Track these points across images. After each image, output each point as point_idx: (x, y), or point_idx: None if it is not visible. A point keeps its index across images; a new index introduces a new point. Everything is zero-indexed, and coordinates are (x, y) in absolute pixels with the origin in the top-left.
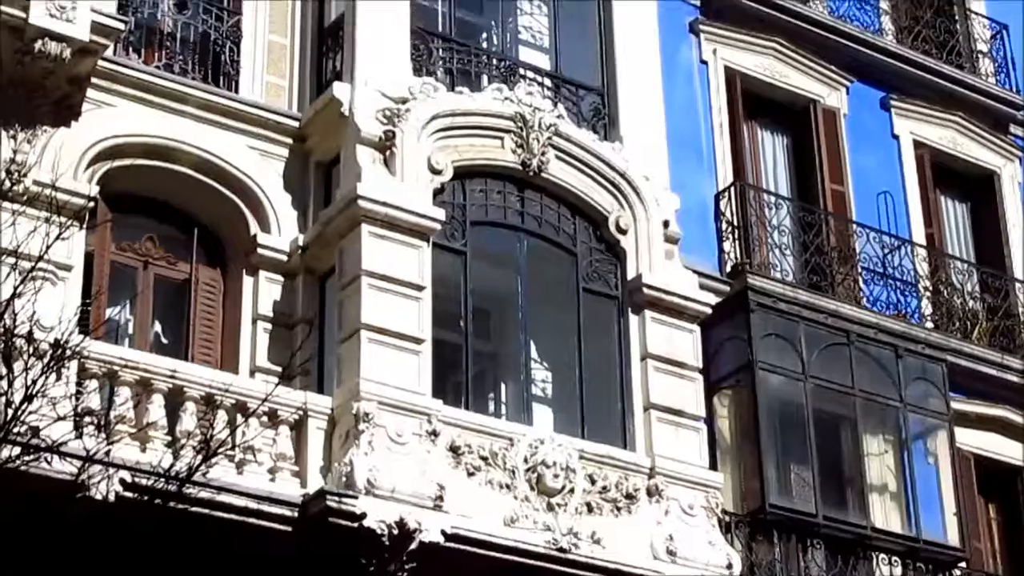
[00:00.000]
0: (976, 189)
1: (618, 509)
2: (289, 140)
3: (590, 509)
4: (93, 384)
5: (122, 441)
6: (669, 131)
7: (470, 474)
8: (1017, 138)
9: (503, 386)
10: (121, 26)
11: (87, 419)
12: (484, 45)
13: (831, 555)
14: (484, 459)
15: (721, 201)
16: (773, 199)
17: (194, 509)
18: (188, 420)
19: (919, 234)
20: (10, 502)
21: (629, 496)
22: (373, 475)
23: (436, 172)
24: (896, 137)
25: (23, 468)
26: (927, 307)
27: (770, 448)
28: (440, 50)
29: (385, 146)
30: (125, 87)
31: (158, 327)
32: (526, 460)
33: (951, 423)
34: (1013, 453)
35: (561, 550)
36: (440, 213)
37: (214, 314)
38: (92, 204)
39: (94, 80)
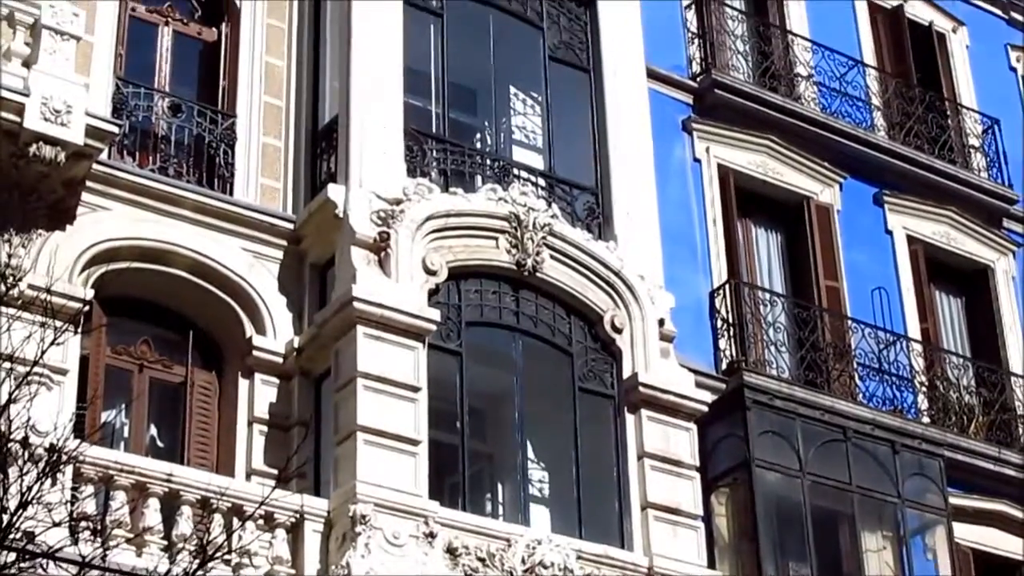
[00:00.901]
0: (970, 283)
1: None
2: (284, 242)
3: None
4: (89, 489)
5: (119, 546)
6: (663, 229)
7: (468, 575)
8: (1010, 232)
9: (500, 486)
10: (116, 130)
11: (83, 524)
12: (478, 145)
13: None
14: (482, 560)
15: (716, 299)
16: (768, 296)
17: None
18: (184, 524)
19: (914, 329)
20: None
21: None
22: None
23: (431, 273)
24: (890, 232)
25: (19, 575)
26: (923, 402)
27: (768, 546)
28: (434, 151)
29: (380, 247)
30: (120, 190)
31: (154, 430)
32: (523, 561)
33: (949, 518)
34: (1012, 548)
35: None
36: (435, 314)
37: (210, 417)
38: (87, 308)
39: (89, 183)
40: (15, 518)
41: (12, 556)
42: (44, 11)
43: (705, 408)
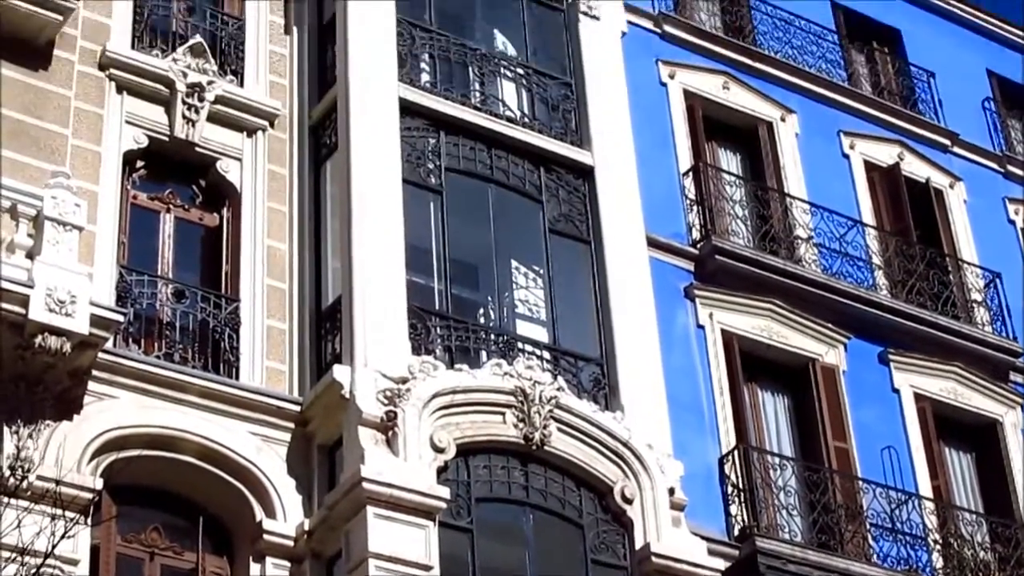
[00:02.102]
0: (980, 438)
1: None
2: (291, 424)
3: None
4: None
5: None
6: (669, 396)
7: None
8: (1017, 385)
9: None
10: (120, 318)
11: None
12: (482, 321)
13: None
14: None
15: (725, 465)
16: (777, 460)
17: None
18: None
19: (925, 487)
20: None
21: None
22: None
23: (439, 451)
24: (896, 391)
25: None
26: (938, 560)
27: None
28: (438, 328)
29: (387, 427)
30: (126, 378)
31: None
32: None
33: None
34: None
35: None
36: (445, 492)
37: None
38: (97, 498)
39: (95, 372)
40: None
41: None
42: (46, 202)
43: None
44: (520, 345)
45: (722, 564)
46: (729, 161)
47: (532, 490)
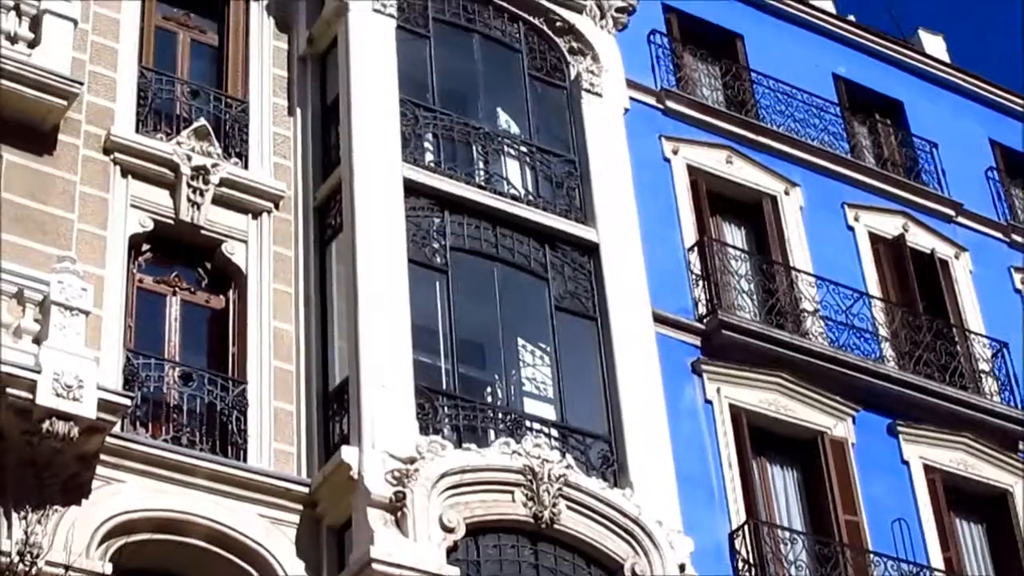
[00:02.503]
0: (990, 509)
1: None
2: (300, 506)
3: None
4: None
5: None
6: (678, 471)
7: None
8: None
9: None
10: (128, 402)
11: None
12: (489, 399)
13: None
14: None
15: (736, 540)
16: (787, 534)
17: None
18: None
19: (937, 559)
20: None
21: None
22: None
23: (449, 530)
24: (906, 463)
25: None
26: None
27: None
28: (445, 407)
29: (396, 507)
30: (134, 462)
31: None
32: None
33: None
34: None
35: None
36: (455, 572)
37: None
38: None
39: (102, 456)
40: None
41: None
42: (53, 287)
43: None
44: (528, 423)
45: None
46: (734, 235)
47: (543, 568)
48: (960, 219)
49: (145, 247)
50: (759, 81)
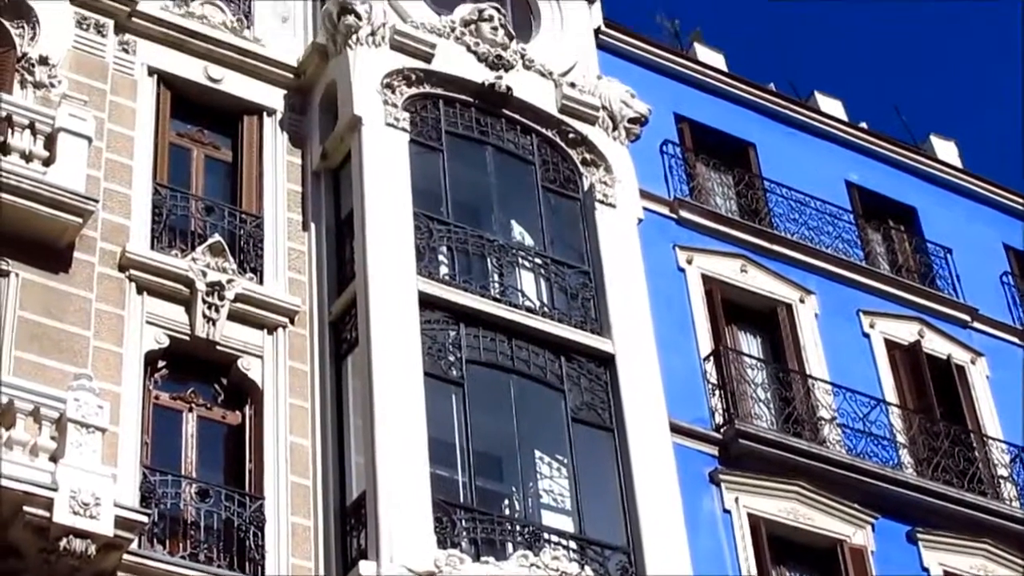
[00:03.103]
0: None
1: None
2: None
3: None
4: None
5: None
6: None
7: None
8: None
9: None
10: (145, 519)
11: None
12: (507, 512)
13: None
14: None
15: None
16: None
17: None
18: None
19: None
20: None
21: None
22: None
23: None
24: (926, 569)
25: None
26: None
27: None
28: (463, 520)
29: None
30: None
31: None
32: None
33: None
34: None
35: None
36: None
37: None
38: None
39: (120, 574)
40: None
41: None
42: (69, 404)
43: None
44: (546, 536)
45: None
46: (750, 344)
47: None
48: (976, 324)
49: (161, 363)
50: (772, 189)
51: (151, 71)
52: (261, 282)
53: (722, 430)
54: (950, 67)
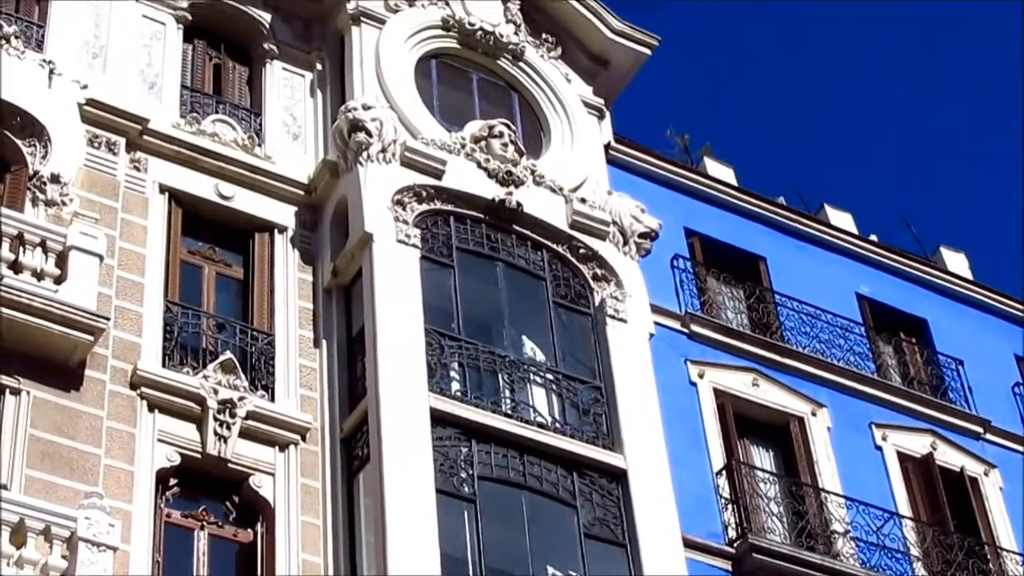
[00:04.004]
0: None
1: None
2: None
3: None
4: None
5: None
6: None
7: None
8: None
9: None
10: None
11: None
12: None
13: None
14: None
15: None
16: None
17: None
18: None
19: None
20: None
21: None
22: None
23: None
24: None
25: None
26: None
27: None
28: None
29: None
30: None
31: None
32: None
33: None
34: None
35: None
36: None
37: None
38: None
39: None
40: None
41: None
42: (80, 523)
43: None
44: None
45: None
46: (762, 457)
47: None
48: (988, 436)
49: (172, 481)
50: (783, 303)
51: (162, 188)
52: (272, 399)
53: (735, 544)
54: (959, 178)
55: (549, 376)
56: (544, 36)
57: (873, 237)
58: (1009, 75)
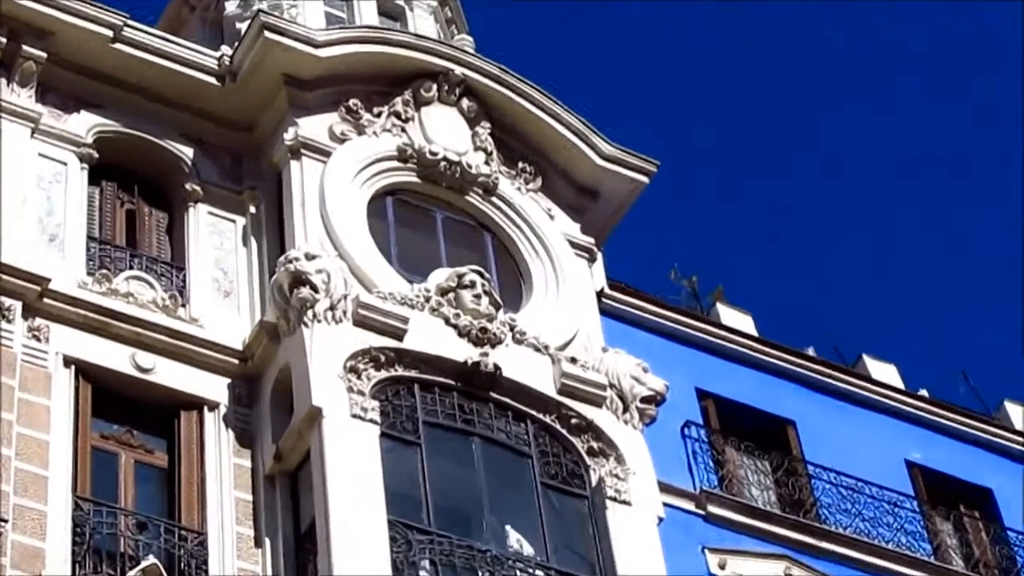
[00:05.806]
0: None
1: None
2: None
3: None
4: None
5: None
6: None
7: None
8: None
9: None
10: None
11: None
12: None
13: None
14: None
15: None
16: None
17: None
18: None
19: None
20: None
21: None
22: None
23: None
24: None
25: None
26: None
27: None
28: None
29: None
30: None
31: None
32: None
33: None
34: None
35: None
36: None
37: None
38: None
39: None
40: None
41: None
42: None
43: None
44: None
45: None
46: None
47: None
48: None
49: None
50: (817, 475)
51: (67, 361)
52: None
53: None
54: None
55: (539, 573)
56: (521, 165)
57: (923, 393)
58: None
